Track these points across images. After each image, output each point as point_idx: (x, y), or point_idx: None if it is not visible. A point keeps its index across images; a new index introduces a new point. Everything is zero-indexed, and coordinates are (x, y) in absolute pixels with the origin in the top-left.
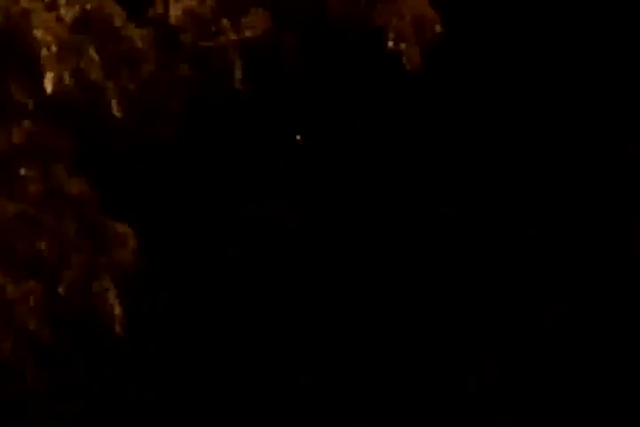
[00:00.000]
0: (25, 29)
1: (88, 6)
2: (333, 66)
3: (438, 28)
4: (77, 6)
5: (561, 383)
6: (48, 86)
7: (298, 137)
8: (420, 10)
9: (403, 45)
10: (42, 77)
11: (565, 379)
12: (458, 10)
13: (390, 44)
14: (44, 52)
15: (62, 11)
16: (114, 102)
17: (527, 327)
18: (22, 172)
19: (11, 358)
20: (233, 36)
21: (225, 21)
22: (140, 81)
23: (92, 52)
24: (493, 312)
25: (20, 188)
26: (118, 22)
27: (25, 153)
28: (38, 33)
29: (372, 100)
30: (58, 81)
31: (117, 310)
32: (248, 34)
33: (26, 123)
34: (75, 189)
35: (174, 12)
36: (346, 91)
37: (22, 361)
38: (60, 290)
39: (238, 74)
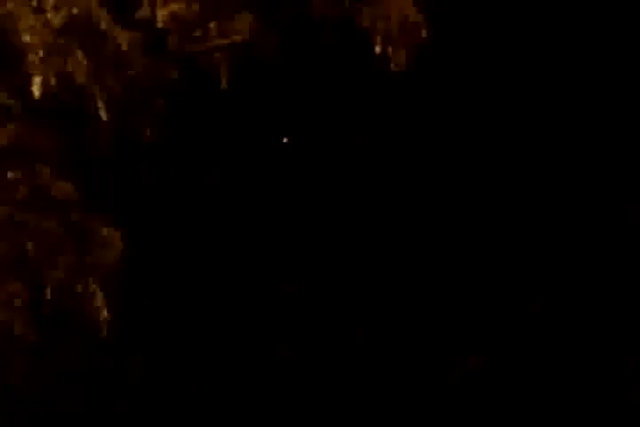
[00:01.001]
0: (12, 33)
1: (74, 10)
2: (319, 68)
3: (424, 31)
4: (64, 10)
5: (547, 379)
6: (36, 90)
7: (284, 139)
8: (405, 12)
9: (389, 48)
10: (28, 80)
11: (552, 375)
12: (443, 13)
13: (376, 46)
14: (30, 55)
15: (49, 14)
16: (100, 105)
17: (512, 323)
18: (8, 174)
19: None
20: (219, 40)
21: (211, 25)
22: (126, 84)
23: (79, 55)
24: (479, 307)
25: (5, 190)
26: (104, 25)
27: (11, 155)
28: (25, 36)
29: (357, 102)
30: (44, 84)
31: (103, 312)
32: (234, 37)
33: (12, 125)
34: (60, 191)
35: (161, 15)
36: (331, 92)
37: (7, 363)
38: (46, 292)
39: (224, 77)
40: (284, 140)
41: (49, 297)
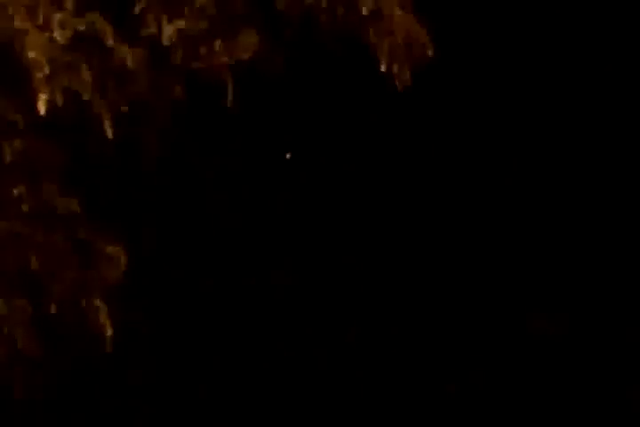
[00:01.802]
0: (18, 49)
1: (80, 27)
2: (324, 85)
3: (429, 50)
4: (70, 27)
5: (545, 392)
6: (41, 108)
7: (288, 155)
8: (411, 30)
9: (394, 65)
10: (34, 96)
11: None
12: (449, 31)
13: (382, 64)
14: (36, 72)
15: (55, 31)
16: (105, 121)
17: (513, 336)
18: (13, 189)
19: None
20: (225, 57)
21: (217, 42)
22: (132, 100)
23: (84, 72)
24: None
25: (10, 205)
26: (110, 42)
27: (16, 170)
28: (31, 53)
29: (363, 119)
30: (50, 100)
31: (107, 328)
32: (240, 55)
33: (17, 140)
34: (65, 207)
35: (166, 32)
36: (337, 110)
37: (11, 378)
38: (50, 307)
39: (230, 94)
40: (287, 156)
41: (53, 312)
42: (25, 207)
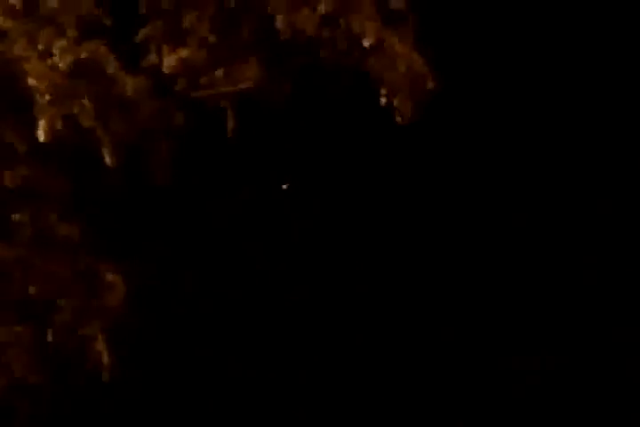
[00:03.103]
0: (19, 76)
1: (82, 54)
2: (325, 116)
3: (430, 83)
4: (71, 54)
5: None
6: (42, 133)
7: (284, 186)
8: (412, 64)
9: (395, 99)
10: (35, 123)
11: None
12: (450, 64)
13: (383, 97)
14: (37, 98)
15: (56, 58)
16: (106, 148)
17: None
18: (14, 215)
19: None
20: (226, 86)
21: (218, 72)
22: (133, 128)
23: (85, 99)
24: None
25: (12, 232)
26: (111, 70)
27: (18, 197)
28: (32, 80)
29: (364, 151)
30: (51, 127)
31: (105, 356)
32: (241, 84)
33: (19, 167)
34: (66, 234)
35: (168, 61)
36: (338, 141)
37: (11, 404)
38: (50, 334)
39: (231, 123)
40: (284, 186)
41: (52, 340)
42: (26, 234)
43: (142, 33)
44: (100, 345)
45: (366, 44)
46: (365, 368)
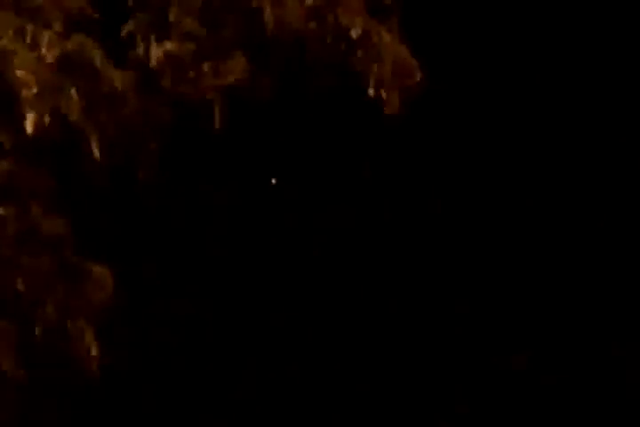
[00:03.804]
0: (6, 69)
1: (69, 47)
2: (312, 110)
3: (418, 75)
4: (58, 47)
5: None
6: (29, 127)
7: (273, 180)
8: (400, 56)
9: (382, 91)
10: (21, 117)
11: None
12: (437, 56)
13: (370, 89)
14: (24, 92)
15: (43, 51)
16: (93, 143)
17: (499, 370)
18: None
19: None
20: (212, 80)
21: (205, 66)
22: (119, 122)
23: (72, 93)
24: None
25: None
26: (99, 64)
27: (3, 192)
28: (19, 73)
29: (351, 145)
30: (38, 121)
31: (93, 351)
32: (227, 78)
33: (4, 162)
34: (51, 229)
35: (155, 55)
36: (324, 135)
37: None
38: (36, 330)
39: (217, 117)
40: (272, 181)
41: (38, 336)
42: (11, 229)
43: (129, 26)
44: (88, 340)
45: (354, 36)
46: (364, 368)
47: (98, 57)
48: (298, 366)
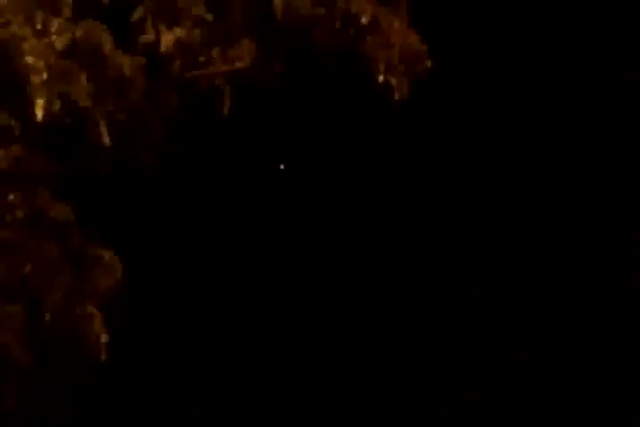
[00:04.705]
0: (15, 55)
1: (78, 33)
2: (320, 96)
3: (427, 62)
4: (68, 33)
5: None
6: (38, 113)
7: (281, 166)
8: (408, 42)
9: (391, 77)
10: (30, 103)
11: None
12: (446, 42)
13: (379, 75)
14: (33, 78)
15: (53, 37)
16: (101, 128)
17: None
18: (7, 196)
19: None
20: (221, 66)
21: (214, 51)
22: (128, 108)
23: (82, 79)
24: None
25: (4, 212)
26: (108, 49)
27: (11, 177)
28: (28, 59)
29: (359, 130)
30: (46, 107)
31: (102, 336)
32: (236, 64)
33: (12, 148)
34: (59, 214)
35: (164, 41)
36: (333, 120)
37: (3, 386)
38: (44, 315)
39: (226, 103)
40: (281, 166)
41: (47, 320)
42: (19, 214)
43: (138, 12)
44: (97, 325)
45: (363, 21)
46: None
47: (107, 43)
48: (302, 354)
